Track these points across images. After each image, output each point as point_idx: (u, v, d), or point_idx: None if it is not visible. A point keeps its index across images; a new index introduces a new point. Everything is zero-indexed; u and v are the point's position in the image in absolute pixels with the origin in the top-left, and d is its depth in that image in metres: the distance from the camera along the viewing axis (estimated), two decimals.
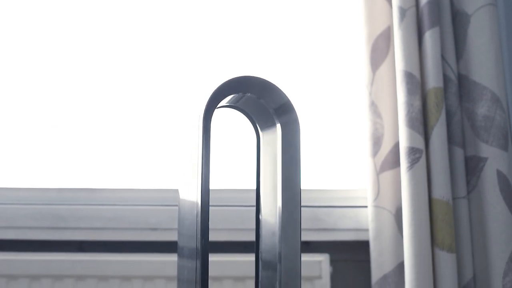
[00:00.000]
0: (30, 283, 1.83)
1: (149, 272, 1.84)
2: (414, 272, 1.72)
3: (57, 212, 1.92)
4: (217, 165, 1.97)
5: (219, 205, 1.91)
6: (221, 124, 1.93)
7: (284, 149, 1.20)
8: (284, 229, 1.19)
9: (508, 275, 1.72)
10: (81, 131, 2.05)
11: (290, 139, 1.21)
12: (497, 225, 1.75)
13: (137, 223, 1.90)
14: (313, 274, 1.83)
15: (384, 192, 1.85)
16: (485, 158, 1.78)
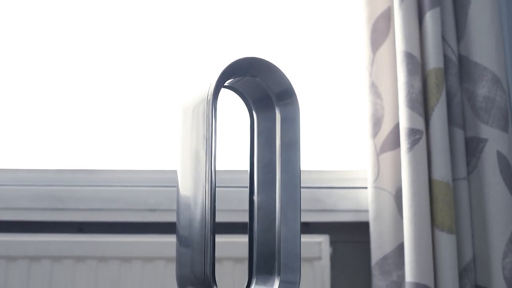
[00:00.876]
0: (29, 264, 1.83)
1: (149, 253, 1.84)
2: (414, 253, 1.72)
3: (56, 193, 1.91)
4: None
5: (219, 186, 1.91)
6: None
7: (284, 132, 1.19)
8: (284, 210, 1.18)
9: (507, 256, 1.73)
10: (80, 112, 2.05)
11: (290, 122, 1.20)
12: (497, 206, 1.75)
13: (136, 204, 1.90)
14: (313, 255, 1.83)
15: (384, 173, 1.84)
16: (485, 139, 1.78)
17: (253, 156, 1.22)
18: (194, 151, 1.11)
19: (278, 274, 1.18)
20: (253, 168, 1.22)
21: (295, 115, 1.20)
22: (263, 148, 1.22)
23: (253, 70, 1.16)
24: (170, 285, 1.81)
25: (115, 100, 2.05)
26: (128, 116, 2.04)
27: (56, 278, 1.83)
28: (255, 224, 1.21)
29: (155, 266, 1.83)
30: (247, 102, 1.22)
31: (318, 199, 1.91)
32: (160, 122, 2.03)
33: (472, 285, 1.77)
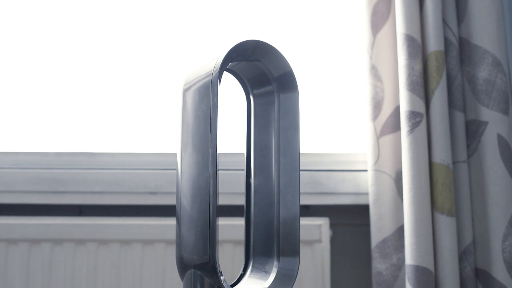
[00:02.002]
0: (29, 247, 1.83)
1: (149, 236, 1.84)
2: (413, 236, 1.72)
3: (56, 176, 1.91)
4: None
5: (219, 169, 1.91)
6: None
7: (283, 115, 1.19)
8: (283, 193, 1.18)
9: (507, 239, 1.73)
10: (81, 95, 2.04)
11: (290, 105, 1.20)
12: (497, 189, 1.75)
13: (137, 187, 1.90)
14: (313, 238, 1.83)
15: (384, 156, 1.84)
16: (486, 122, 1.77)
17: (250, 139, 1.22)
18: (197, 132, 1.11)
19: (277, 257, 1.18)
20: (250, 151, 1.22)
21: (295, 99, 1.20)
22: (260, 131, 1.22)
23: (256, 53, 1.16)
24: (170, 268, 1.82)
25: (115, 82, 2.04)
26: (129, 99, 2.04)
27: (56, 261, 1.84)
28: (251, 207, 1.21)
29: (155, 249, 1.83)
30: (245, 85, 1.22)
31: (318, 182, 1.91)
32: (160, 105, 2.02)
33: (471, 268, 1.77)
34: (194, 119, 1.12)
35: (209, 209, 1.08)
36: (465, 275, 1.77)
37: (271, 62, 1.17)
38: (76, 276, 1.83)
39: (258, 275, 1.18)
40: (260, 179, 1.21)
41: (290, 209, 1.18)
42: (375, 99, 1.86)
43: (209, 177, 1.08)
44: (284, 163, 1.19)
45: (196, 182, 1.11)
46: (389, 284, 1.79)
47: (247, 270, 1.19)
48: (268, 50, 1.16)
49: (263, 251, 1.19)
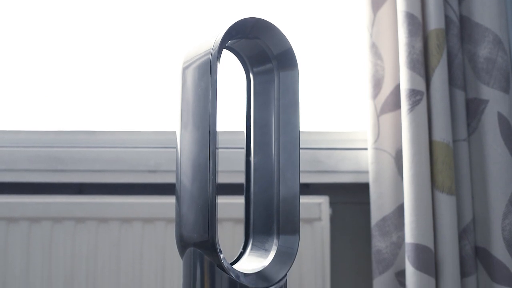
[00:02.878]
0: (29, 226, 1.84)
1: (149, 214, 1.84)
2: (413, 214, 1.72)
3: (56, 154, 1.91)
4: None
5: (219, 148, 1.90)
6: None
7: (283, 93, 1.19)
8: (283, 172, 1.18)
9: (507, 217, 1.73)
10: (80, 73, 2.04)
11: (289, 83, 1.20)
12: (497, 167, 1.75)
13: (137, 165, 1.90)
14: (313, 216, 1.83)
15: (384, 134, 1.84)
16: (486, 101, 1.77)
17: (250, 117, 1.22)
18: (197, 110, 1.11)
19: (276, 235, 1.19)
20: (250, 129, 1.22)
21: (295, 77, 1.20)
22: (260, 109, 1.22)
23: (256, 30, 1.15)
24: (170, 246, 1.82)
25: (115, 60, 2.03)
26: (129, 76, 2.03)
27: (56, 239, 1.84)
28: (251, 185, 1.21)
29: (155, 227, 1.83)
30: (245, 63, 1.22)
31: (318, 160, 1.91)
32: (160, 83, 2.02)
33: (471, 246, 1.77)
34: (194, 97, 1.12)
35: (209, 187, 1.08)
36: (464, 253, 1.77)
37: (270, 39, 1.17)
38: (76, 254, 1.84)
39: (258, 253, 1.19)
40: (260, 157, 1.21)
41: (290, 187, 1.18)
42: (375, 77, 1.86)
43: (209, 155, 1.08)
44: (284, 141, 1.19)
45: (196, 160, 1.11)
46: (388, 262, 1.80)
47: (247, 248, 1.20)
48: (267, 27, 1.16)
49: (263, 229, 1.19)
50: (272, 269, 1.17)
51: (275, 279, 1.15)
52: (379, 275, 1.80)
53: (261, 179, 1.20)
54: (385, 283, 1.79)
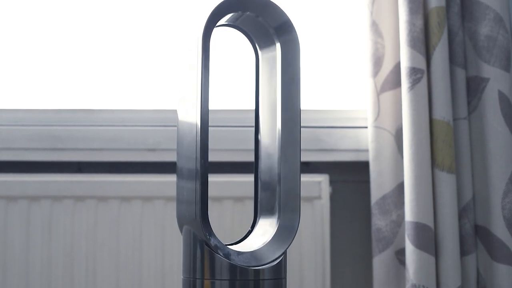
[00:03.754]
0: (29, 204, 1.83)
1: (148, 193, 1.84)
2: (413, 192, 1.72)
3: (55, 133, 1.91)
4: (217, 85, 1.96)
5: (219, 126, 1.90)
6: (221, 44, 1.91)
7: (284, 69, 1.19)
8: (284, 149, 1.18)
9: (507, 196, 1.73)
10: (80, 50, 2.03)
11: (289, 58, 1.20)
12: (498, 146, 1.75)
13: (136, 144, 1.90)
14: (313, 194, 1.83)
15: (384, 112, 1.84)
16: (487, 79, 1.77)
17: (258, 95, 1.22)
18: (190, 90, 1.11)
19: (278, 213, 1.19)
20: (258, 107, 1.22)
21: (295, 51, 1.20)
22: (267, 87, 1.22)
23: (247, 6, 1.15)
24: (170, 224, 1.82)
25: (115, 38, 2.02)
26: (129, 54, 2.02)
27: (55, 218, 1.84)
28: (259, 164, 1.22)
29: (155, 206, 1.83)
30: (252, 41, 1.22)
31: (318, 139, 1.91)
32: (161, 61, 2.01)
33: (471, 225, 1.77)
34: (188, 78, 1.12)
35: (195, 165, 1.09)
36: (464, 231, 1.77)
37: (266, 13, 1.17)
38: (75, 232, 1.84)
39: (262, 231, 1.19)
40: (266, 136, 1.21)
41: (290, 165, 1.18)
42: (376, 55, 1.85)
43: (196, 133, 1.09)
44: (284, 118, 1.19)
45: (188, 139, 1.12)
46: (388, 240, 1.80)
47: (255, 227, 1.20)
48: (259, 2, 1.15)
49: (268, 208, 1.20)
50: (269, 248, 1.17)
51: (269, 259, 1.15)
52: (379, 253, 1.80)
53: (267, 157, 1.20)
54: (384, 262, 1.79)
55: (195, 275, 1.17)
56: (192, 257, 1.17)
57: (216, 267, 1.14)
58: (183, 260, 1.21)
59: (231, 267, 1.15)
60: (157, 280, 1.82)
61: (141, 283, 1.82)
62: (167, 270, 1.82)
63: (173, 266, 1.81)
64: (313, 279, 1.81)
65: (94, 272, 1.83)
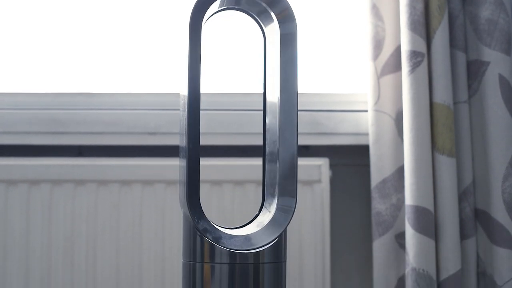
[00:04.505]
0: (29, 188, 1.84)
1: (149, 176, 1.84)
2: (413, 176, 1.72)
3: (55, 116, 1.91)
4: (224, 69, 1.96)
5: (220, 109, 1.90)
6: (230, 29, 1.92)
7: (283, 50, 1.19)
8: (282, 132, 1.18)
9: (507, 179, 1.73)
10: (79, 33, 2.02)
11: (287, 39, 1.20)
12: (498, 129, 1.74)
13: (136, 127, 1.90)
14: (313, 178, 1.83)
15: (384, 96, 1.83)
16: (487, 62, 1.76)
17: (266, 78, 1.23)
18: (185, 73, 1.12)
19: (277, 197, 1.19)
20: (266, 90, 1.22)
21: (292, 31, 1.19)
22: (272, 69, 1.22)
23: None
24: (170, 208, 1.82)
25: (115, 20, 2.02)
26: (129, 37, 2.01)
27: (56, 202, 1.84)
28: (266, 147, 1.22)
29: (155, 189, 1.83)
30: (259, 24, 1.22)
31: (318, 122, 1.90)
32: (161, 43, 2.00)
33: (471, 209, 1.77)
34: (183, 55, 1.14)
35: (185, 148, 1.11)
36: (464, 215, 1.77)
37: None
38: (75, 216, 1.84)
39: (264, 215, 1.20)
40: (270, 118, 1.21)
41: (288, 147, 1.18)
42: (376, 38, 1.85)
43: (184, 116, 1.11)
44: (283, 100, 1.18)
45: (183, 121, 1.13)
46: (388, 224, 1.80)
47: (261, 211, 1.21)
48: None
49: (271, 191, 1.20)
50: (265, 232, 1.17)
51: (263, 243, 1.15)
52: (379, 237, 1.80)
53: (271, 140, 1.21)
54: (384, 245, 1.80)
55: (195, 258, 1.17)
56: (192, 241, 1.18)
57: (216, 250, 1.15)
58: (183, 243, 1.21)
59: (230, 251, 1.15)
60: (157, 264, 1.82)
61: (141, 267, 1.82)
62: (167, 254, 1.82)
63: (173, 250, 1.82)
64: (313, 262, 1.81)
65: (94, 256, 1.83)
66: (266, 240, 1.16)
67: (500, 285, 1.73)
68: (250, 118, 1.89)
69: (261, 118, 1.21)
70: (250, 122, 1.89)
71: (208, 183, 1.19)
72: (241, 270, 1.15)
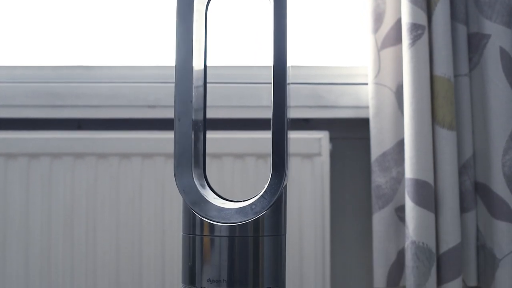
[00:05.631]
0: (28, 161, 1.83)
1: (148, 150, 1.84)
2: (414, 149, 1.72)
3: (54, 90, 1.90)
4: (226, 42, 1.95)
5: (220, 82, 1.89)
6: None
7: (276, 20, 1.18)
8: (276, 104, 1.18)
9: (508, 153, 1.73)
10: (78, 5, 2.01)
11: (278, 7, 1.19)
12: (499, 102, 1.74)
13: (136, 101, 1.89)
14: (313, 151, 1.83)
15: (385, 69, 1.83)
16: (488, 35, 1.75)
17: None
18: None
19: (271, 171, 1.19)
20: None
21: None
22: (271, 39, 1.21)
23: None
24: (170, 181, 1.81)
25: None
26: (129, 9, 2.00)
27: (55, 175, 1.84)
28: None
29: (155, 162, 1.83)
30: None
31: (318, 95, 1.90)
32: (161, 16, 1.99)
33: (471, 182, 1.77)
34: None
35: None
36: (464, 188, 1.77)
37: None
38: (75, 190, 1.84)
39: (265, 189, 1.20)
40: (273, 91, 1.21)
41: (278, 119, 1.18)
42: (376, 11, 1.84)
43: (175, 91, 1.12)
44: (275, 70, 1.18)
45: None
46: (388, 197, 1.80)
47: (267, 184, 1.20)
48: None
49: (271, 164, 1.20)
50: (252, 206, 1.18)
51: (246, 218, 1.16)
52: (379, 210, 1.80)
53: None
54: (384, 218, 1.80)
55: (195, 231, 1.17)
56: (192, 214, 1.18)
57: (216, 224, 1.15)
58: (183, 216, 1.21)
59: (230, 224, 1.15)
60: (157, 237, 1.82)
61: (141, 239, 1.82)
62: (167, 227, 1.82)
63: (173, 223, 1.82)
64: (312, 235, 1.81)
65: (94, 229, 1.83)
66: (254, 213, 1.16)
67: (499, 258, 1.73)
68: (251, 91, 1.89)
69: (262, 91, 1.21)
70: (251, 95, 1.88)
71: (208, 156, 1.19)
72: (241, 243, 1.15)
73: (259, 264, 1.17)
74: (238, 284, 1.15)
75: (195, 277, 1.17)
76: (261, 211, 1.16)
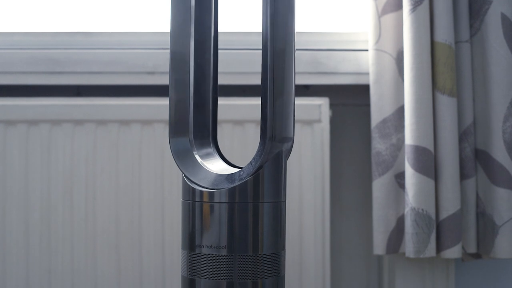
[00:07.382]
0: (28, 128, 1.83)
1: (148, 116, 1.83)
2: (414, 115, 1.71)
3: (53, 56, 1.89)
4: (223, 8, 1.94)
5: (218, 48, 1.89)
6: None
7: None
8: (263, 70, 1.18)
9: (508, 120, 1.72)
10: None
11: None
12: (500, 69, 1.73)
13: (135, 67, 1.89)
14: (313, 117, 1.82)
15: (385, 35, 1.82)
16: (490, 1, 1.75)
17: None
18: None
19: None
20: None
21: None
22: None
23: None
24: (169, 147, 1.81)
25: None
26: None
27: (54, 142, 1.83)
28: None
29: (154, 129, 1.83)
30: None
31: (318, 62, 1.89)
32: None
33: (471, 149, 1.77)
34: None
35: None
36: (464, 155, 1.77)
37: None
38: (75, 156, 1.84)
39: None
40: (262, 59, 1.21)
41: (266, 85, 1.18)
42: None
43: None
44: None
45: None
46: (388, 164, 1.80)
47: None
48: None
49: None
50: (240, 172, 1.18)
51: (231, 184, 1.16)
52: (379, 177, 1.80)
53: None
54: (384, 185, 1.80)
55: (194, 197, 1.17)
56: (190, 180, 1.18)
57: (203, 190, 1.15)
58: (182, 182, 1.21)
59: (230, 189, 1.16)
60: (156, 203, 1.83)
61: (140, 206, 1.83)
62: (166, 193, 1.83)
63: (172, 189, 1.82)
64: (312, 201, 1.81)
65: (94, 196, 1.83)
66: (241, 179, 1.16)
67: (499, 225, 1.73)
68: (250, 57, 1.88)
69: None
70: (250, 61, 1.88)
71: None
72: (240, 209, 1.16)
73: (258, 230, 1.17)
74: (238, 250, 1.15)
75: (195, 243, 1.17)
76: (246, 177, 1.16)
